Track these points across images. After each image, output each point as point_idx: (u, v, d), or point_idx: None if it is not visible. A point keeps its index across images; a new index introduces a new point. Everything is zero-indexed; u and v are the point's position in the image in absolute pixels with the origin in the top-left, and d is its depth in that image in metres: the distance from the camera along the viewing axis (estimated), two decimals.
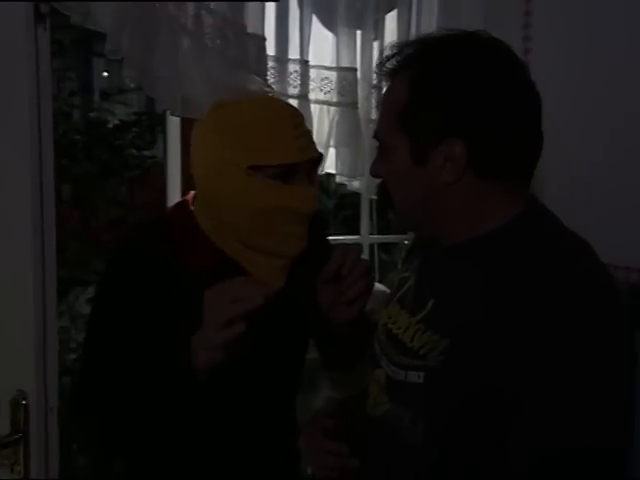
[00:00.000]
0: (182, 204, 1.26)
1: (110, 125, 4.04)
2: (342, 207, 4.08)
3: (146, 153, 4.04)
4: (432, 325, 0.95)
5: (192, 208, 1.24)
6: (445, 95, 0.91)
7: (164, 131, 1.99)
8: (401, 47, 0.99)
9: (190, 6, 1.41)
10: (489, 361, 0.85)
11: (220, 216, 1.18)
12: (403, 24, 1.89)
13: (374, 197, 2.08)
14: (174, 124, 1.82)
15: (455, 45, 0.94)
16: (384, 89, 1.02)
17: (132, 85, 1.52)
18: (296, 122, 1.19)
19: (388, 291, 2.20)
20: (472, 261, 0.95)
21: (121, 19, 1.26)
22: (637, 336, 0.90)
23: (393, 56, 0.99)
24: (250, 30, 1.60)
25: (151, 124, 3.98)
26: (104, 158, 3.72)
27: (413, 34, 1.88)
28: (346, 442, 1.09)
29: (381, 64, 1.00)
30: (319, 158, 1.22)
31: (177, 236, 1.20)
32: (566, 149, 1.54)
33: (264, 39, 1.63)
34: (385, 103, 1.00)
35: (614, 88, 1.54)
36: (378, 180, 1.05)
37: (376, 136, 1.02)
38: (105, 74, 4.22)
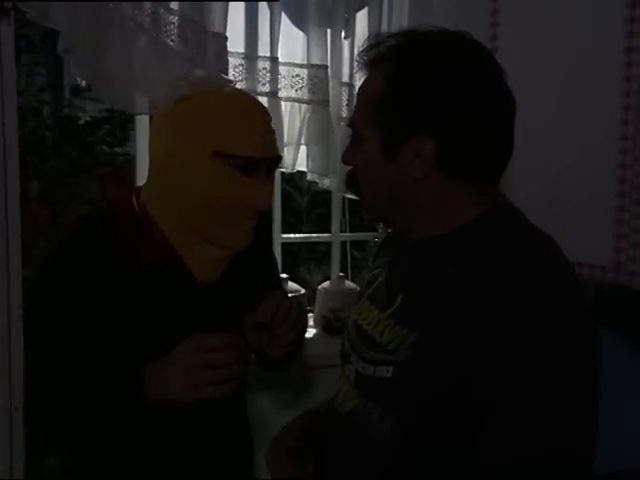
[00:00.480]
0: (127, 197, 1.25)
1: (81, 122, 3.99)
2: (315, 205, 4.08)
3: (117, 150, 4.00)
4: (401, 320, 0.95)
5: (139, 199, 1.23)
6: (419, 92, 0.92)
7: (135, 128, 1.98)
8: (382, 38, 0.99)
9: (147, 5, 1.41)
10: (456, 356, 0.86)
11: (173, 202, 1.18)
12: (374, 22, 1.90)
13: (346, 195, 2.09)
14: (143, 121, 1.81)
15: (436, 44, 0.95)
16: (356, 86, 1.03)
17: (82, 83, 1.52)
18: (264, 119, 1.20)
19: (358, 289, 2.21)
20: (439, 257, 0.96)
21: (75, 18, 1.25)
22: (600, 333, 0.91)
23: (373, 46, 0.99)
24: (213, 28, 1.60)
25: (123, 121, 3.93)
26: (74, 155, 3.67)
27: (384, 32, 1.89)
28: (309, 461, 1.11)
29: (361, 53, 1.00)
30: (279, 159, 1.25)
31: (121, 228, 1.19)
32: (532, 149, 1.55)
33: (225, 37, 1.63)
34: (361, 93, 1.01)
35: (579, 87, 1.56)
36: (348, 168, 1.07)
37: (350, 124, 1.03)
38: None
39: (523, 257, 0.89)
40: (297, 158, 1.89)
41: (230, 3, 1.70)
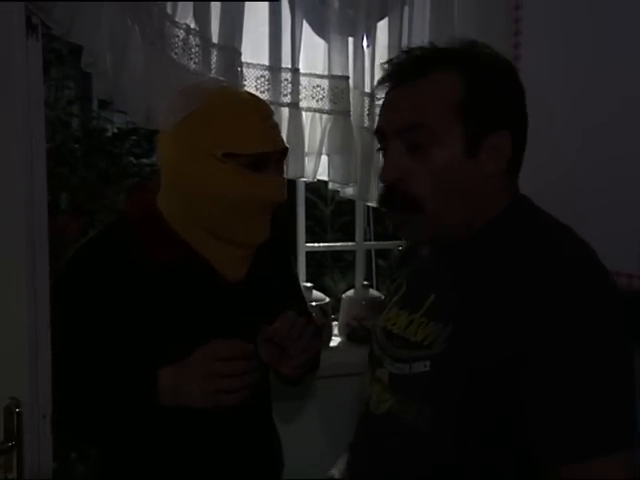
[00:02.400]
0: (143, 201, 1.28)
1: (108, 133, 4.04)
2: (339, 214, 4.08)
3: (144, 161, 4.04)
4: (435, 317, 0.98)
5: (155, 203, 1.25)
6: (499, 91, 0.98)
7: None
8: (414, 50, 1.03)
9: (155, 18, 1.44)
10: (493, 341, 0.89)
11: (188, 205, 1.20)
12: (395, 32, 1.91)
13: (368, 204, 2.09)
14: None
15: (489, 50, 1.02)
16: (379, 95, 1.04)
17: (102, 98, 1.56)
18: (266, 114, 1.22)
19: (383, 297, 2.21)
20: (467, 251, 0.99)
21: (97, 34, 1.28)
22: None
23: (407, 59, 1.02)
24: (220, 42, 1.62)
25: (149, 132, 3.98)
26: (102, 166, 3.71)
27: (405, 42, 1.90)
28: None
29: (397, 65, 1.02)
30: (286, 150, 1.26)
31: (139, 231, 1.21)
32: (560, 158, 1.55)
33: (234, 49, 1.65)
34: (426, 98, 0.97)
35: (607, 93, 1.55)
36: (382, 184, 1.02)
37: (403, 131, 0.98)
38: None
39: (548, 242, 0.93)
40: (318, 167, 1.90)
41: (253, 15, 1.72)
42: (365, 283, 2.22)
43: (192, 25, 1.53)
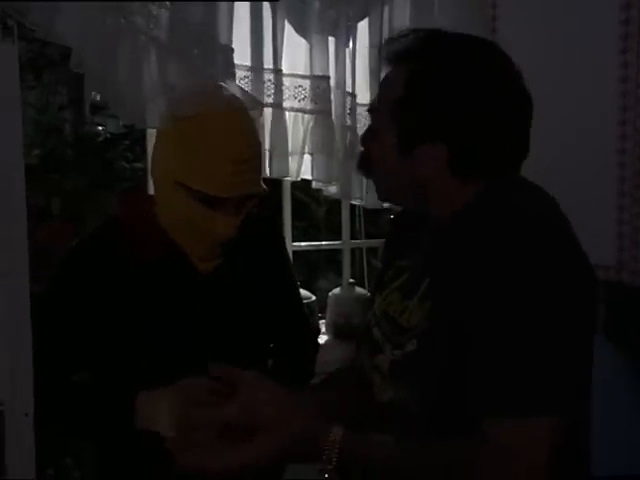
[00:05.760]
0: (137, 201, 1.31)
1: (101, 138, 4.06)
2: (333, 214, 4.09)
3: (137, 165, 4.06)
4: (424, 301, 0.98)
5: (150, 203, 1.27)
6: (435, 99, 0.94)
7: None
8: (406, 32, 1.01)
9: (159, 17, 1.45)
10: (459, 311, 0.89)
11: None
12: (375, 32, 1.92)
13: (352, 202, 2.11)
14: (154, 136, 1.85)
15: (455, 50, 0.97)
16: (358, 95, 1.05)
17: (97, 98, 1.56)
18: (241, 157, 1.14)
19: (369, 295, 2.23)
20: (445, 236, 0.99)
21: (82, 33, 1.28)
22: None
23: (394, 41, 1.01)
24: (221, 40, 1.64)
25: (141, 137, 4.00)
26: (94, 172, 3.73)
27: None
28: None
29: (384, 46, 1.02)
30: (255, 195, 1.20)
31: (131, 230, 1.24)
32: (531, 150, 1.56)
33: (231, 49, 1.66)
34: (383, 89, 1.03)
35: (577, 86, 1.57)
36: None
37: (370, 112, 1.06)
38: None
39: (515, 215, 0.91)
40: (302, 167, 1.92)
41: (235, 15, 1.74)
42: (351, 281, 2.24)
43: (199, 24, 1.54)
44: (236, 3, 1.76)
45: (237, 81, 1.79)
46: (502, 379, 0.85)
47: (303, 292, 2.15)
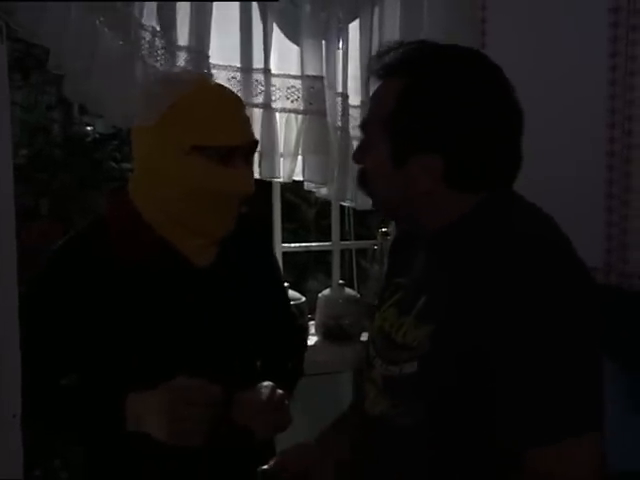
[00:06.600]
0: (120, 199, 1.28)
1: (89, 138, 4.04)
2: (323, 216, 4.09)
3: (126, 165, 4.04)
4: (422, 319, 0.99)
5: (129, 199, 1.26)
6: (429, 111, 0.94)
7: None
8: (394, 46, 1.01)
9: (126, 20, 1.45)
10: (467, 335, 0.90)
11: (158, 197, 1.22)
12: (366, 33, 1.93)
13: (343, 203, 2.11)
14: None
15: (448, 62, 0.97)
16: (351, 96, 1.05)
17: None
18: (237, 107, 1.23)
19: (359, 296, 2.23)
20: (443, 251, 1.00)
21: (62, 35, 1.28)
22: None
23: (383, 54, 1.01)
24: (185, 43, 1.64)
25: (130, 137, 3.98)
26: (83, 171, 3.71)
27: (375, 43, 1.91)
28: None
29: (373, 61, 1.03)
30: (256, 143, 1.27)
31: (117, 229, 1.23)
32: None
33: (200, 52, 1.66)
34: (375, 102, 1.03)
35: (566, 91, 1.58)
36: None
37: (362, 127, 1.06)
38: None
39: (521, 235, 0.92)
40: (294, 168, 1.91)
41: (224, 16, 1.74)
42: (341, 282, 2.24)
43: (157, 27, 1.54)
44: (225, 3, 1.76)
45: (225, 82, 1.79)
46: (539, 406, 0.86)
47: (293, 293, 2.16)
